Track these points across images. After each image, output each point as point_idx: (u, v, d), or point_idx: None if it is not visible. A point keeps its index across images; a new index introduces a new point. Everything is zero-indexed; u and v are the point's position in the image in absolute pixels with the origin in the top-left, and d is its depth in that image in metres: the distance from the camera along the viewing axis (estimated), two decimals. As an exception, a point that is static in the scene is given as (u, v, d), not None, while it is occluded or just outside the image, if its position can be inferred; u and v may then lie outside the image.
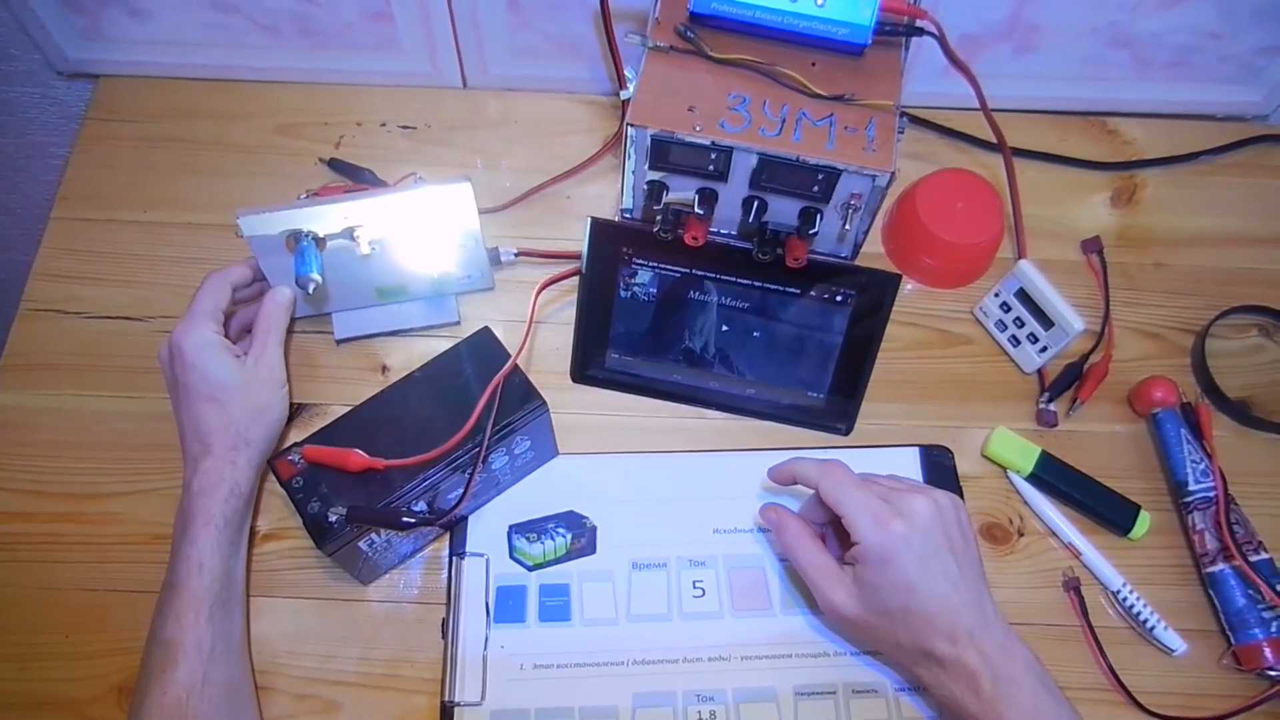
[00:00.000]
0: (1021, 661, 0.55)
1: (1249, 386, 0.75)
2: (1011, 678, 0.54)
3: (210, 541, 0.59)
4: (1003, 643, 0.55)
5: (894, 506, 0.57)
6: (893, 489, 0.59)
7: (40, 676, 0.63)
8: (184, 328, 0.64)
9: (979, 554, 0.59)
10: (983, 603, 0.57)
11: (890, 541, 0.56)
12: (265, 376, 0.65)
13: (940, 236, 0.75)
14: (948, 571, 0.56)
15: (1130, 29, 0.79)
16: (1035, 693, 0.54)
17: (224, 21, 0.81)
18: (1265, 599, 0.64)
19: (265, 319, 0.67)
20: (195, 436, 0.62)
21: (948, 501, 0.59)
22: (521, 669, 0.63)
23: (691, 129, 0.65)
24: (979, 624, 0.55)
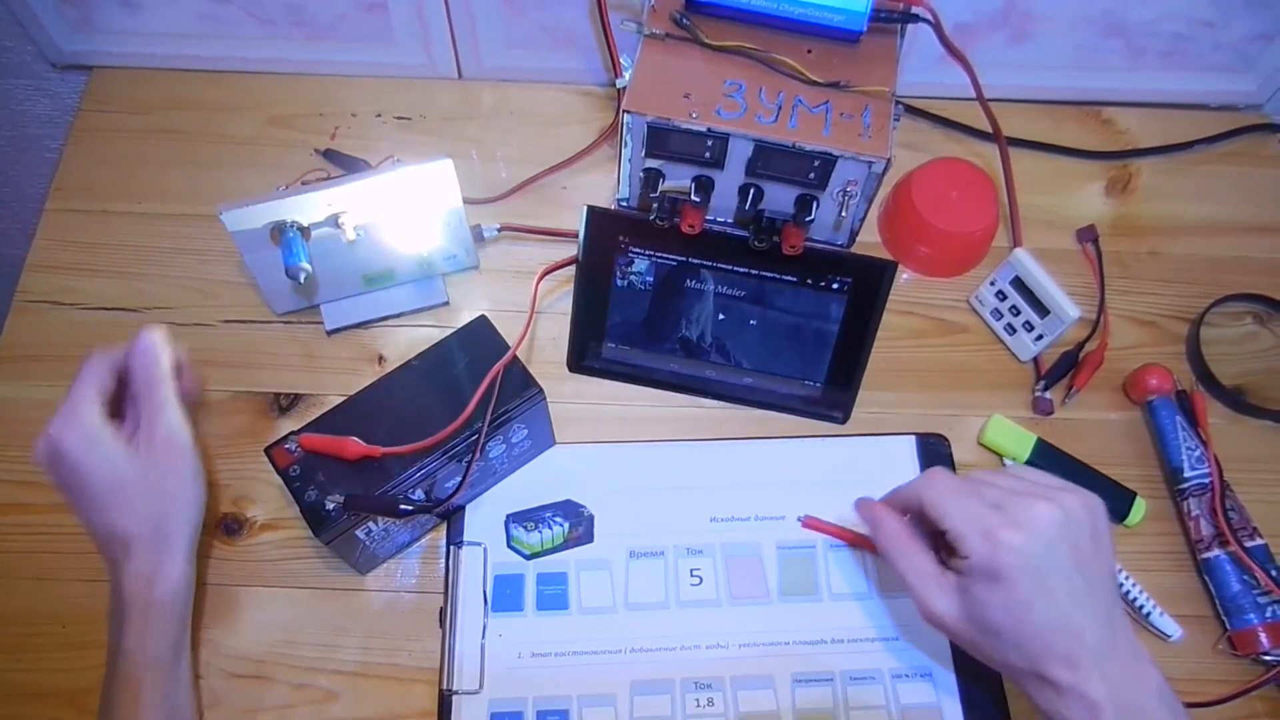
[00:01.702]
0: (1153, 688, 0.49)
1: (1243, 374, 0.75)
2: (1140, 708, 0.48)
3: (148, 650, 0.54)
4: (1131, 668, 0.49)
5: (1009, 515, 0.50)
6: (1011, 492, 0.52)
7: (37, 667, 0.63)
8: (61, 423, 0.54)
9: (1113, 564, 0.53)
10: (1113, 622, 0.50)
11: (1002, 556, 0.49)
12: (165, 455, 0.56)
13: (936, 225, 0.75)
14: (1072, 589, 0.49)
15: (1124, 17, 0.80)
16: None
17: (217, 13, 0.81)
18: (1260, 584, 0.65)
19: (142, 377, 0.57)
20: (109, 539, 0.55)
21: (1079, 506, 0.51)
22: (519, 658, 0.63)
23: (688, 116, 0.65)
24: (1105, 647, 0.49)
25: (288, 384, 0.72)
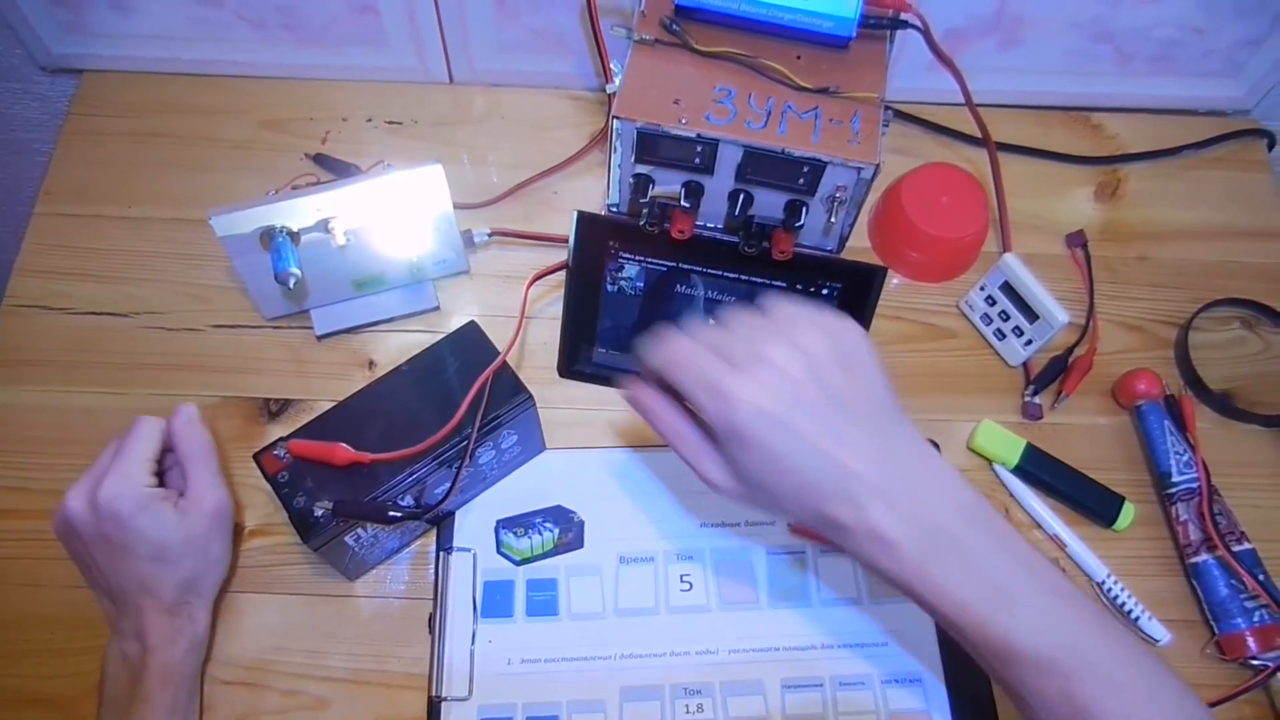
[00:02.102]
0: (951, 506, 0.45)
1: (1231, 378, 0.75)
2: (939, 528, 0.44)
3: (166, 700, 0.56)
4: (921, 491, 0.45)
5: (738, 366, 0.46)
6: (742, 339, 0.47)
7: (26, 673, 0.63)
8: (117, 484, 0.57)
9: (880, 384, 0.48)
10: (891, 449, 0.46)
11: (737, 414, 0.45)
12: (214, 523, 0.60)
13: (925, 230, 0.75)
14: (829, 427, 0.45)
15: (1113, 23, 0.80)
16: (979, 543, 0.44)
17: (208, 16, 0.81)
18: (1248, 589, 0.65)
19: (185, 446, 0.61)
20: (140, 590, 0.58)
21: (819, 339, 0.47)
22: (509, 664, 0.63)
23: (677, 122, 0.65)
24: (886, 478, 0.45)
25: (277, 389, 0.72)
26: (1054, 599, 0.45)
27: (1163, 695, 0.45)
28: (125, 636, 0.58)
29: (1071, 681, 0.43)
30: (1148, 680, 0.45)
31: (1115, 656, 0.44)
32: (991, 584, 0.44)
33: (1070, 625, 0.44)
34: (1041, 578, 0.45)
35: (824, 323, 0.48)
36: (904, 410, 0.48)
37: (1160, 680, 0.45)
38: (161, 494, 0.59)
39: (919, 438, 0.48)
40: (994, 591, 0.44)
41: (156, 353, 0.73)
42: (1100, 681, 0.43)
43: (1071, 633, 0.44)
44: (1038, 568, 0.46)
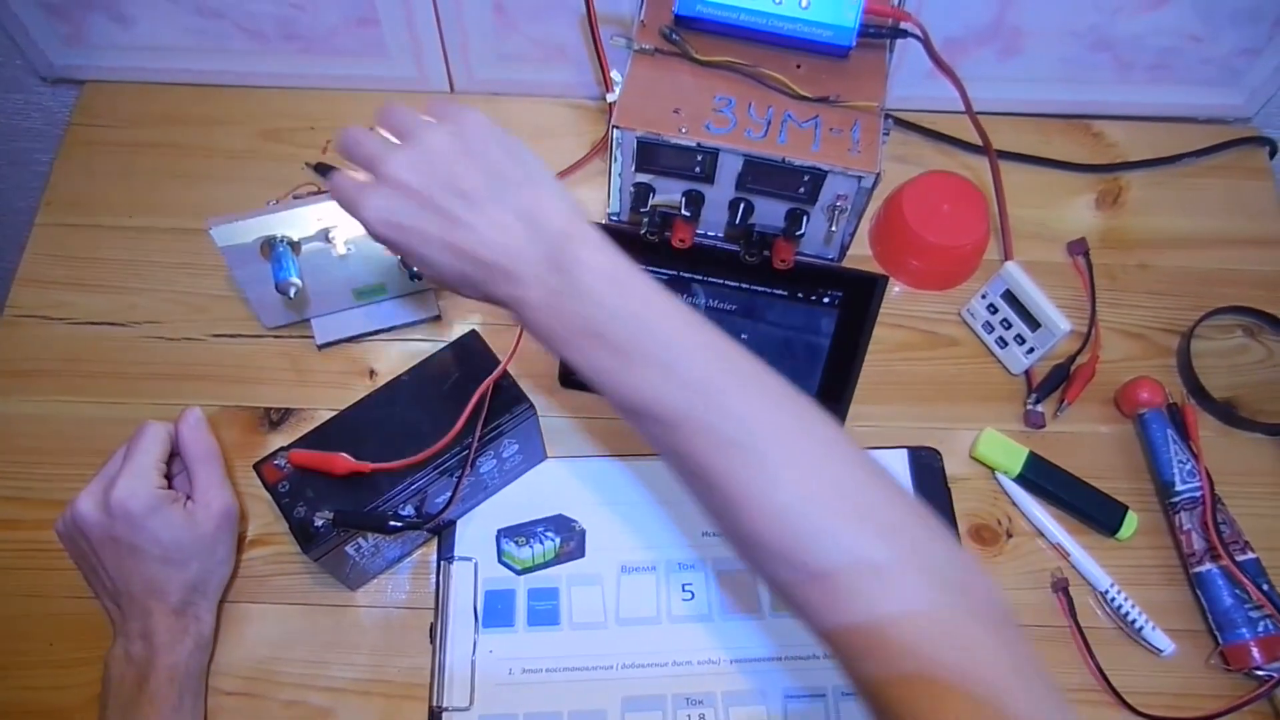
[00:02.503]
0: (595, 272, 0.46)
1: (1234, 387, 0.75)
2: (579, 296, 0.46)
3: (171, 698, 0.57)
4: (567, 261, 0.46)
5: (369, 182, 0.49)
6: (379, 155, 0.49)
7: (24, 685, 0.63)
8: (130, 485, 0.58)
9: (520, 162, 0.49)
10: (534, 225, 0.47)
11: (371, 228, 0.49)
12: (220, 526, 0.61)
13: (926, 239, 0.75)
14: (457, 225, 0.47)
15: (1111, 32, 0.80)
16: (618, 304, 0.46)
17: (208, 27, 0.81)
18: (1252, 599, 0.64)
19: (192, 449, 0.62)
20: (147, 590, 0.58)
21: (443, 139, 0.49)
22: (510, 674, 0.63)
23: (677, 131, 0.65)
24: (524, 255, 0.47)
25: (278, 399, 0.72)
26: (679, 357, 0.46)
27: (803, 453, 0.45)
28: (131, 638, 0.58)
29: (688, 434, 0.45)
30: (779, 439, 0.45)
31: (739, 416, 0.45)
32: (615, 345, 0.46)
33: (692, 383, 0.45)
34: (672, 336, 0.46)
35: (450, 118, 0.50)
36: (547, 171, 0.50)
37: (797, 430, 0.45)
38: (171, 496, 0.60)
39: (559, 206, 0.48)
40: (619, 349, 0.46)
41: (157, 362, 0.73)
42: (715, 438, 0.44)
43: (692, 390, 0.45)
44: (672, 329, 0.46)
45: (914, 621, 0.41)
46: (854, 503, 0.44)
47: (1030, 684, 0.41)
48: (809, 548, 0.43)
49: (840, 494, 0.44)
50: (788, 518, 0.43)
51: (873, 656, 0.42)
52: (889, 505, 0.45)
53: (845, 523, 0.43)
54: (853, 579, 0.42)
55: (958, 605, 0.42)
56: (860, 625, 0.42)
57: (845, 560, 0.42)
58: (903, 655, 0.41)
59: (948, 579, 0.42)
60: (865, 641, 0.42)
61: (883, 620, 0.41)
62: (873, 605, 0.41)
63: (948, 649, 0.40)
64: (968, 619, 0.41)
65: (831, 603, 0.43)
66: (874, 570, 0.42)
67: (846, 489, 0.44)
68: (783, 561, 0.44)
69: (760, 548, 0.44)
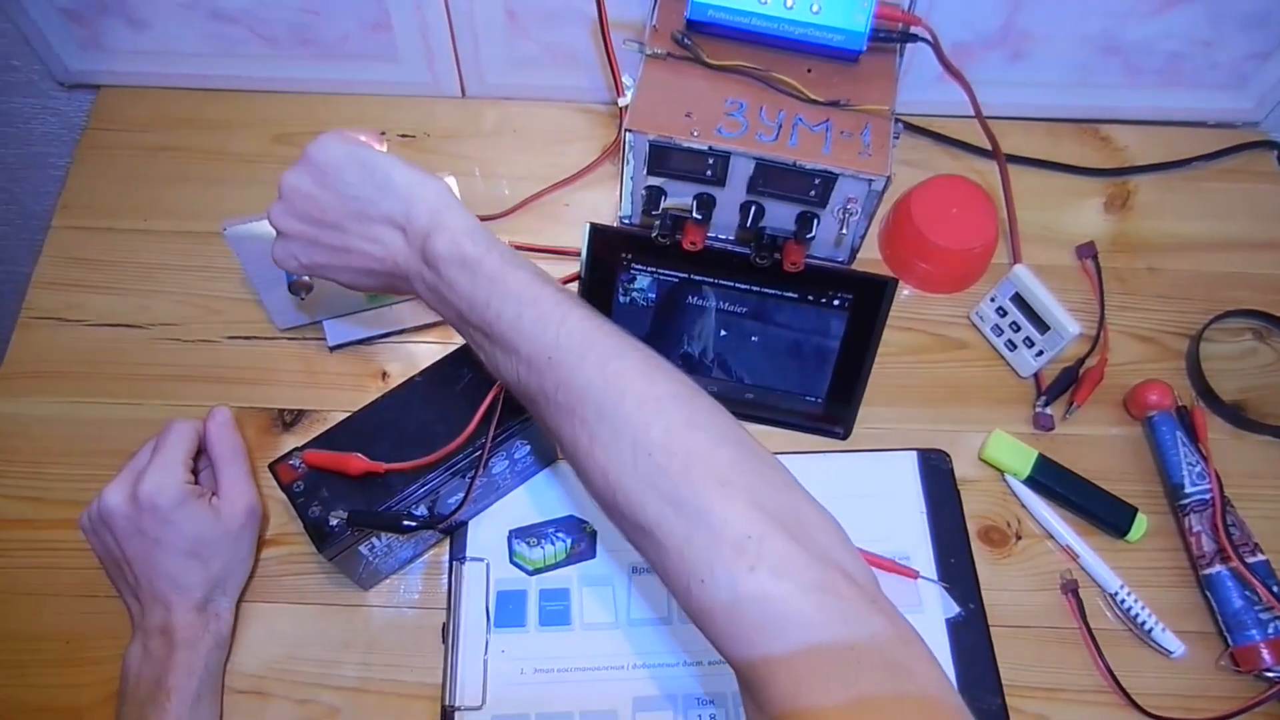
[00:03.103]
0: (449, 245, 0.51)
1: (1243, 389, 0.75)
2: (451, 262, 0.50)
3: (190, 694, 0.57)
4: (433, 235, 0.51)
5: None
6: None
7: (40, 683, 0.63)
8: (158, 479, 0.59)
9: (374, 174, 0.54)
10: (390, 228, 0.53)
11: (283, 266, 0.58)
12: (243, 518, 0.62)
13: (936, 242, 0.75)
14: (330, 243, 0.54)
15: (1121, 36, 0.80)
16: (457, 276, 0.50)
17: (223, 32, 0.82)
18: (1262, 600, 0.65)
19: (219, 447, 0.63)
20: (170, 585, 0.59)
21: (291, 180, 0.56)
22: (522, 673, 0.64)
23: (689, 135, 0.66)
24: (396, 241, 0.53)
25: (291, 400, 0.72)
26: (527, 337, 0.48)
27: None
28: (151, 634, 0.59)
29: (538, 408, 0.49)
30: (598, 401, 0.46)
31: (574, 387, 0.47)
32: (480, 328, 0.50)
33: (536, 364, 0.48)
34: (519, 316, 0.49)
35: (304, 155, 0.56)
36: (404, 171, 0.54)
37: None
38: (198, 491, 0.61)
39: (417, 202, 0.52)
40: (484, 334, 0.50)
41: (171, 364, 0.74)
42: (554, 408, 0.48)
43: (539, 370, 0.48)
44: (515, 309, 0.49)
45: (725, 582, 0.41)
46: (666, 458, 0.44)
47: (847, 616, 0.40)
48: (626, 503, 0.44)
49: (654, 450, 0.44)
50: (605, 475, 0.45)
51: (704, 624, 0.43)
52: (706, 452, 0.44)
53: (656, 479, 0.43)
54: (665, 533, 0.43)
55: (769, 550, 0.41)
56: (680, 583, 0.43)
57: (657, 516, 0.43)
58: (726, 624, 0.41)
59: (766, 519, 0.42)
60: (731, 617, 0.42)
61: (745, 596, 0.41)
62: (683, 559, 0.42)
63: (768, 606, 0.40)
64: (785, 564, 0.41)
65: (656, 559, 0.44)
66: (685, 523, 0.42)
67: (658, 445, 0.44)
68: (654, 537, 0.44)
69: (638, 527, 0.45)
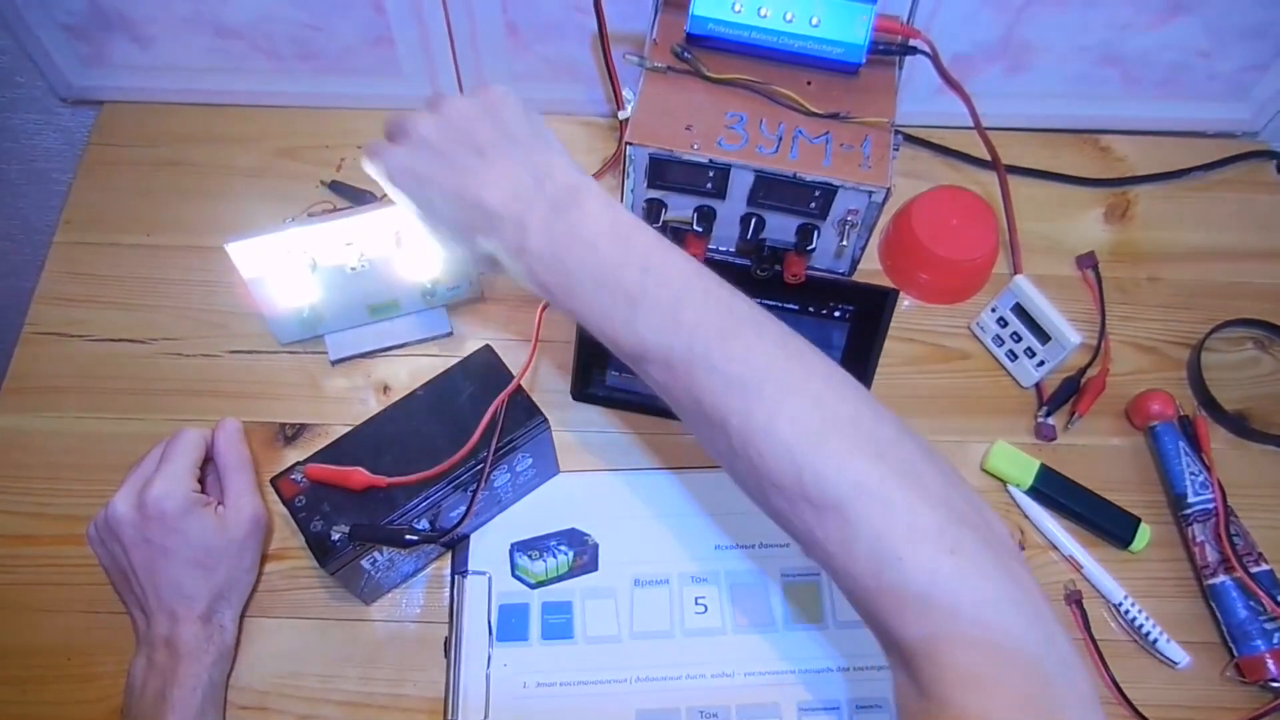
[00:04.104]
0: (595, 227, 0.49)
1: (1246, 399, 0.75)
2: (574, 247, 0.49)
3: (193, 708, 0.57)
4: (564, 215, 0.49)
5: (393, 139, 0.54)
6: (409, 121, 0.53)
7: (42, 699, 0.63)
8: (165, 486, 0.59)
9: (532, 129, 0.53)
10: (538, 180, 0.50)
11: (389, 177, 0.53)
12: (248, 527, 0.62)
13: (936, 253, 0.75)
14: (466, 174, 0.51)
15: (1120, 48, 0.81)
16: (615, 257, 0.48)
17: (226, 47, 0.82)
18: (1267, 610, 0.64)
19: (227, 457, 0.64)
20: (176, 594, 0.59)
21: (465, 103, 0.53)
22: (525, 687, 0.63)
23: (689, 147, 0.66)
24: (529, 206, 0.50)
25: (293, 414, 0.72)
26: (681, 303, 0.48)
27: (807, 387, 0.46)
28: (155, 646, 0.59)
29: (691, 376, 0.47)
30: (780, 377, 0.46)
31: (740, 357, 0.46)
32: (622, 292, 0.48)
33: (693, 327, 0.47)
34: (674, 283, 0.48)
35: (476, 92, 0.54)
36: (558, 142, 0.54)
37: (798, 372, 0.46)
38: (205, 500, 0.61)
39: (568, 167, 0.52)
40: (622, 295, 0.48)
41: (173, 378, 0.74)
42: (718, 378, 0.46)
43: (693, 334, 0.47)
44: (674, 276, 0.48)
45: (922, 563, 0.41)
46: (856, 436, 0.44)
47: (1034, 622, 0.41)
48: (814, 480, 0.43)
49: (842, 428, 0.44)
50: (789, 451, 0.44)
51: (881, 599, 0.42)
52: (892, 439, 0.45)
53: (849, 456, 0.43)
54: (860, 511, 0.42)
55: (964, 541, 0.42)
56: (868, 563, 0.42)
57: (851, 492, 0.43)
58: (909, 602, 0.41)
59: (955, 511, 0.43)
60: (873, 580, 0.42)
61: (890, 560, 0.41)
62: (880, 538, 0.42)
63: (956, 593, 0.41)
64: (975, 556, 0.42)
65: (840, 537, 0.43)
66: (882, 503, 0.42)
67: (848, 423, 0.45)
68: (788, 495, 0.44)
69: (768, 484, 0.45)
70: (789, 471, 0.44)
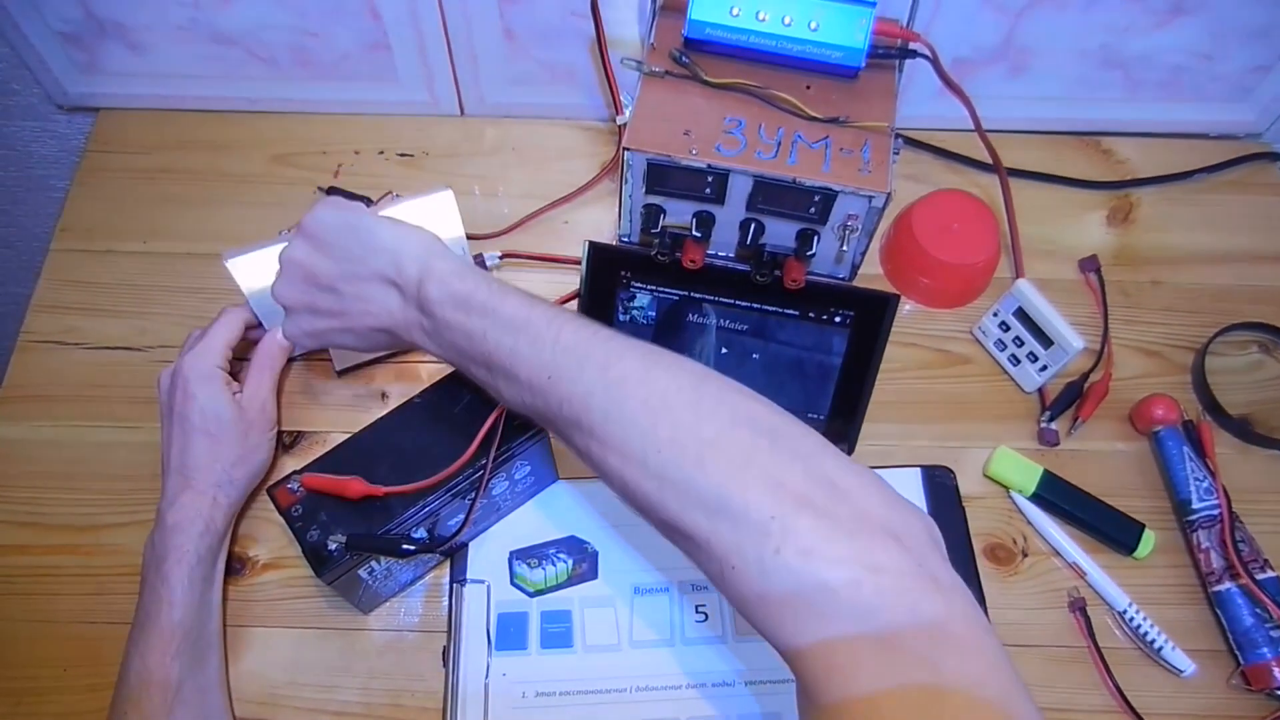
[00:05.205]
0: (449, 300, 0.53)
1: (1250, 403, 0.75)
2: (452, 328, 0.53)
3: (181, 578, 0.59)
4: (430, 301, 0.53)
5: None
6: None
7: (38, 711, 0.62)
8: (193, 357, 0.65)
9: (363, 235, 0.57)
10: (384, 289, 0.56)
11: (293, 339, 0.62)
12: (257, 417, 0.66)
13: (937, 257, 0.75)
14: (329, 305, 0.57)
15: (1121, 50, 0.80)
16: (466, 328, 0.52)
17: (222, 54, 0.82)
18: (1273, 618, 0.64)
19: (261, 358, 0.67)
20: (179, 468, 0.63)
21: (290, 252, 0.58)
22: (524, 697, 0.63)
23: (688, 153, 0.66)
24: (399, 307, 0.56)
25: (291, 421, 0.72)
26: (525, 362, 0.49)
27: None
28: (158, 523, 0.62)
29: (566, 433, 0.49)
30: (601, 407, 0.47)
31: (584, 404, 0.47)
32: (484, 363, 0.52)
33: (540, 389, 0.49)
34: (516, 345, 0.50)
35: (298, 228, 0.58)
36: (391, 230, 0.56)
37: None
38: (226, 378, 0.65)
39: (410, 249, 0.55)
40: (488, 368, 0.52)
41: (170, 386, 0.73)
42: (563, 424, 0.49)
43: (547, 394, 0.49)
44: (512, 338, 0.50)
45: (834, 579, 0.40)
46: (729, 455, 0.44)
47: (967, 619, 0.40)
48: (698, 510, 0.43)
49: (727, 453, 0.44)
50: (673, 484, 0.44)
51: (784, 621, 0.42)
52: (756, 440, 0.45)
53: (735, 480, 0.43)
54: (734, 533, 0.42)
55: (885, 553, 0.41)
56: (755, 590, 0.42)
57: (712, 517, 0.43)
58: (823, 618, 0.41)
59: (797, 494, 0.42)
60: (762, 604, 0.42)
61: (774, 581, 0.41)
62: (762, 564, 0.41)
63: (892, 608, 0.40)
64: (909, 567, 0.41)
65: (718, 557, 0.43)
66: (766, 530, 0.41)
67: (730, 447, 0.44)
68: (683, 533, 0.44)
69: (658, 522, 0.46)
70: (628, 499, 0.46)
